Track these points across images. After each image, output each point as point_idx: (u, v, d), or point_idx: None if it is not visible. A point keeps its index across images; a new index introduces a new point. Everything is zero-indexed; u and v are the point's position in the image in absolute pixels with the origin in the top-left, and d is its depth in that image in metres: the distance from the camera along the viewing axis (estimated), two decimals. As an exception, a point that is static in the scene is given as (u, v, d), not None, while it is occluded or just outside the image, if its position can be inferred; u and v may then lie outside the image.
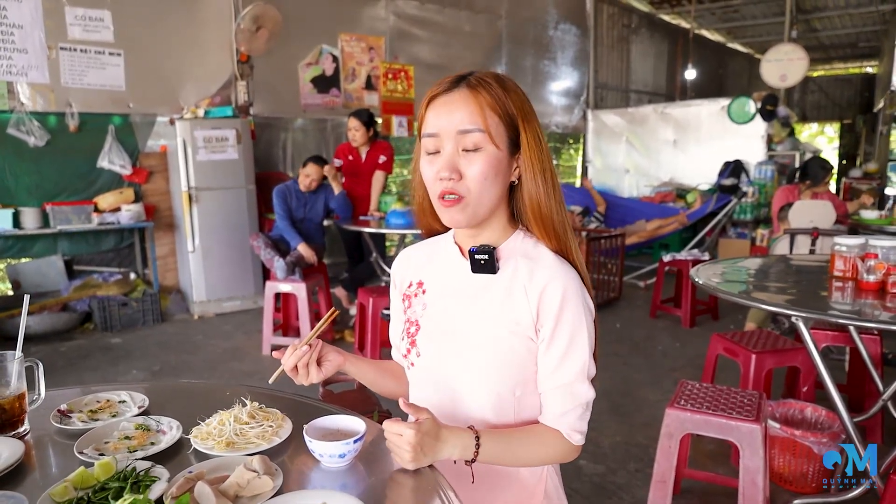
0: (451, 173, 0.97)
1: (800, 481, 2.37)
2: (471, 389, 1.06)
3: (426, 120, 1.01)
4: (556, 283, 1.00)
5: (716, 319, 4.86)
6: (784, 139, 7.40)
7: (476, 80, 0.98)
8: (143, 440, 1.08)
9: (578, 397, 1.02)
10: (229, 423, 1.08)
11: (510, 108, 0.99)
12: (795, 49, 7.58)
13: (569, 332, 1.00)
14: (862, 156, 11.58)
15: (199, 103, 5.24)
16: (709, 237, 6.26)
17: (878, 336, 2.76)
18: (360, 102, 6.42)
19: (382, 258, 4.77)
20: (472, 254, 1.05)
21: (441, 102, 0.99)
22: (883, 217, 4.21)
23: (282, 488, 0.92)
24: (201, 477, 0.92)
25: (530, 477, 1.10)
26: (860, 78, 13.65)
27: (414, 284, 1.15)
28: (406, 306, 1.16)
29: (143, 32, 5.01)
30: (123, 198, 4.89)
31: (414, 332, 1.11)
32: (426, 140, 1.00)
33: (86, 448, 1.04)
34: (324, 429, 1.05)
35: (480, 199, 0.99)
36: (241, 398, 1.16)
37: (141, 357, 4.09)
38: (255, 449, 1.03)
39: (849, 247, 2.26)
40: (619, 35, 9.91)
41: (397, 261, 1.21)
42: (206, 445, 1.04)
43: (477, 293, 1.06)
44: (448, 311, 1.09)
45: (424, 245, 1.19)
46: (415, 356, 1.11)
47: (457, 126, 0.97)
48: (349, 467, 1.00)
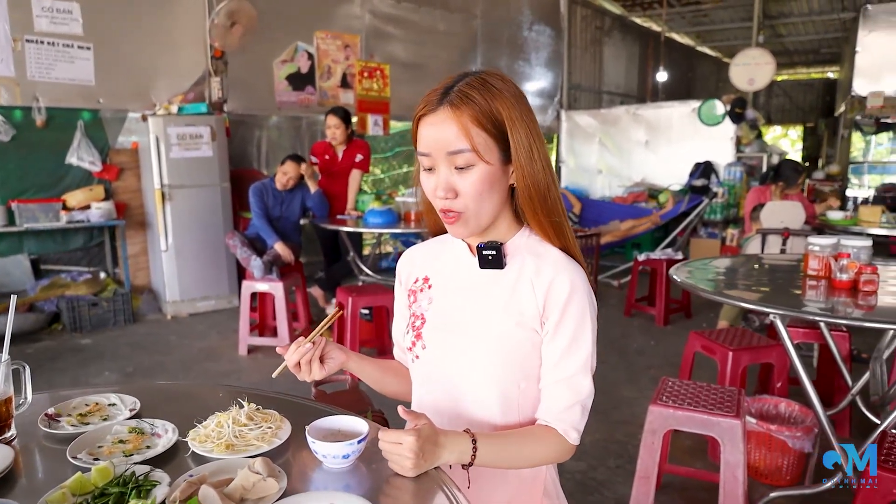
0: (446, 193, 0.99)
1: (775, 475, 2.44)
2: (476, 382, 1.07)
3: (418, 138, 1.01)
4: (564, 277, 1.02)
5: (689, 318, 4.96)
6: (752, 141, 7.59)
7: (459, 97, 0.96)
8: (138, 444, 1.07)
9: (580, 392, 1.03)
10: (228, 424, 1.06)
11: (497, 117, 0.97)
12: (763, 54, 7.77)
13: (574, 325, 1.02)
14: (824, 158, 11.94)
15: (172, 99, 5.14)
16: (680, 237, 6.38)
17: (846, 333, 2.85)
18: (335, 100, 6.37)
19: (359, 257, 4.76)
20: (480, 250, 1.06)
21: (428, 123, 0.98)
22: (847, 218, 4.34)
23: (286, 490, 0.92)
24: (204, 480, 0.91)
25: (529, 473, 1.11)
26: (822, 83, 14.07)
27: (420, 280, 1.16)
28: (411, 301, 1.16)
29: (113, 26, 4.88)
30: (93, 195, 4.76)
31: (419, 325, 1.12)
32: (421, 158, 1.01)
33: (79, 453, 1.02)
34: (325, 429, 1.04)
35: (479, 213, 1.01)
36: (237, 400, 1.15)
37: (113, 358, 4.00)
38: (255, 451, 1.02)
39: (822, 246, 2.33)
40: (592, 37, 10.02)
41: (403, 258, 1.22)
42: (205, 448, 1.02)
43: (484, 288, 1.07)
44: (454, 305, 1.10)
45: (430, 243, 1.20)
46: (420, 349, 1.11)
47: (445, 148, 0.97)
48: (351, 468, 1.00)
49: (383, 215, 4.30)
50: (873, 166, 8.45)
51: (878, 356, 2.57)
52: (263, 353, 4.09)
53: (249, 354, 4.06)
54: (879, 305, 2.05)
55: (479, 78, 0.99)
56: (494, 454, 1.00)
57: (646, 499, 2.08)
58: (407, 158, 7.82)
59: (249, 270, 4.09)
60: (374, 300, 3.72)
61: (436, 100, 0.98)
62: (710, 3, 9.68)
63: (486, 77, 0.99)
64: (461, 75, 1.01)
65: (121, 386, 1.32)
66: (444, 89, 0.99)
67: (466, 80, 0.99)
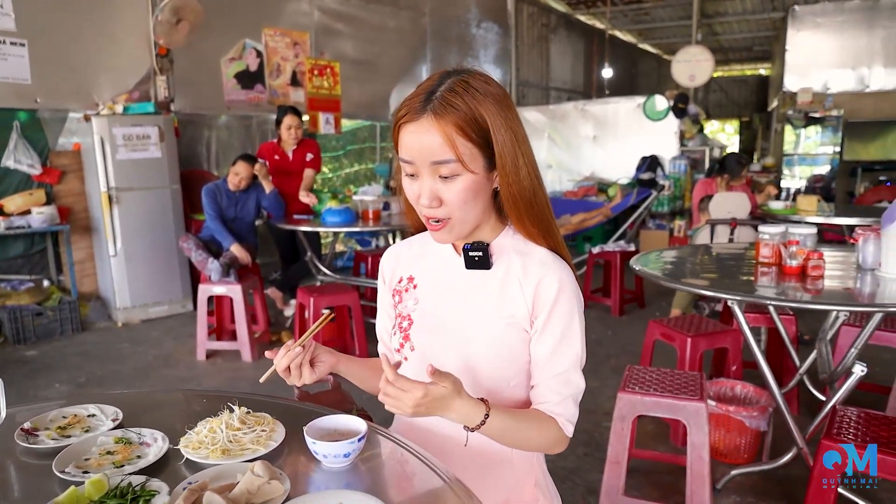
0: (431, 202, 0.98)
1: (734, 454, 2.56)
2: (465, 382, 1.07)
3: (400, 144, 0.99)
4: (552, 276, 1.04)
5: (642, 307, 5.12)
6: (695, 135, 7.88)
7: (441, 104, 0.94)
8: (127, 454, 1.04)
9: (573, 386, 1.06)
10: (221, 430, 1.05)
11: (482, 125, 0.95)
12: (702, 51, 8.08)
13: (563, 322, 1.04)
14: (759, 151, 12.51)
15: (116, 99, 4.94)
16: (630, 229, 6.56)
17: (793, 316, 3.01)
18: (285, 99, 6.27)
19: (317, 257, 4.69)
20: (466, 251, 1.06)
21: (410, 131, 0.96)
22: (787, 207, 4.58)
23: (290, 492, 0.91)
24: (205, 487, 0.90)
25: (522, 465, 1.13)
26: (755, 79, 14.72)
27: (404, 280, 1.16)
28: (396, 301, 1.16)
29: (49, 21, 4.65)
30: (34, 200, 4.54)
31: (406, 326, 1.12)
32: (404, 164, 0.99)
33: (66, 466, 0.99)
34: (321, 429, 1.04)
35: (464, 219, 1.01)
36: (227, 404, 1.13)
37: (62, 369, 3.83)
38: (252, 455, 1.01)
39: (771, 234, 2.45)
40: (539, 34, 10.19)
41: (386, 256, 1.21)
42: (199, 455, 1.01)
43: (471, 288, 1.08)
44: (441, 305, 1.10)
45: (413, 241, 1.19)
46: (408, 350, 1.11)
47: (429, 157, 0.95)
48: (349, 466, 1.01)
49: (341, 214, 4.26)
50: (804, 158, 8.90)
51: (823, 337, 2.72)
52: (222, 358, 4.00)
53: (208, 359, 3.96)
54: (826, 288, 2.18)
55: (462, 81, 0.96)
56: (500, 428, 0.99)
57: (617, 482, 2.15)
58: (358, 156, 7.76)
59: (205, 274, 3.99)
60: (335, 300, 3.70)
61: (418, 106, 0.95)
62: (650, 2, 9.98)
63: (469, 80, 0.97)
64: (443, 76, 0.98)
65: (90, 392, 1.28)
66: (426, 94, 0.96)
67: (449, 83, 0.96)
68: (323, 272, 4.71)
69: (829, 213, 4.38)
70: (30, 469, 1.04)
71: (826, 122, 8.58)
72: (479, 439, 1.08)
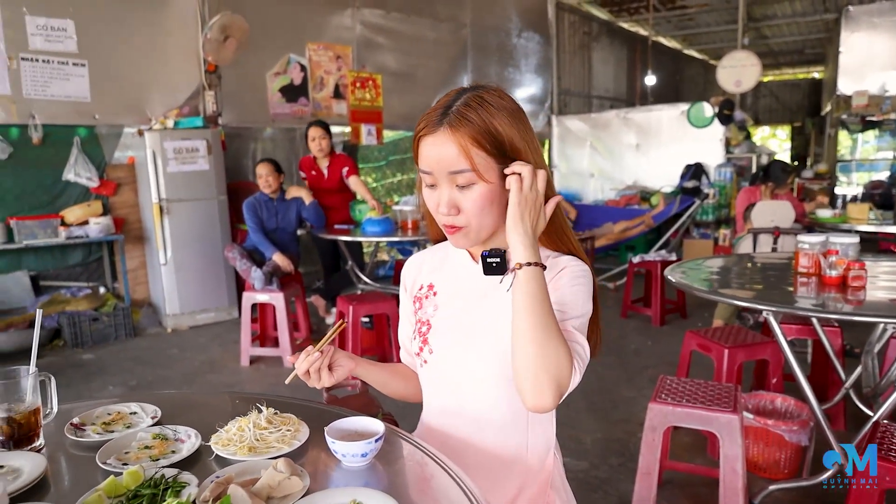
0: (449, 210, 1.04)
1: (773, 468, 2.50)
2: (483, 385, 1.11)
3: (419, 156, 1.05)
4: (572, 264, 1.08)
5: (684, 318, 5.03)
6: (741, 142, 7.70)
7: (457, 117, 0.99)
8: (163, 449, 1.11)
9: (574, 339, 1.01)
10: (249, 428, 1.11)
11: (496, 137, 1.00)
12: (749, 56, 7.89)
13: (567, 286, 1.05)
14: (812, 157, 12.10)
15: (168, 114, 5.18)
16: (674, 238, 6.46)
17: (838, 328, 2.92)
18: (328, 111, 6.43)
19: (359, 267, 4.79)
20: (485, 258, 1.09)
21: (428, 143, 1.02)
22: (836, 216, 4.43)
23: (309, 488, 0.96)
24: (231, 481, 0.95)
25: (536, 464, 1.15)
26: (808, 83, 14.26)
27: (425, 287, 1.21)
28: (417, 308, 1.22)
29: (107, 42, 4.93)
30: (91, 211, 4.80)
31: (426, 331, 1.17)
32: (423, 175, 1.06)
33: (108, 458, 1.06)
34: (342, 430, 1.09)
35: (481, 226, 1.06)
36: (255, 405, 1.19)
37: (115, 372, 4.02)
38: (276, 452, 1.06)
39: (811, 244, 2.39)
40: (581, 42, 10.14)
41: (407, 265, 1.27)
42: (228, 451, 1.07)
43: (488, 294, 1.12)
44: (459, 310, 1.15)
45: (434, 250, 1.25)
46: (427, 353, 1.16)
47: (446, 168, 1.01)
48: (368, 466, 1.05)
49: (381, 224, 4.34)
50: (861, 164, 8.58)
51: (869, 350, 2.63)
52: (265, 364, 4.13)
53: (251, 365, 4.09)
54: (868, 300, 2.12)
55: (476, 96, 1.02)
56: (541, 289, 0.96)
57: (648, 494, 2.13)
58: (399, 167, 7.88)
59: (249, 282, 4.12)
60: (375, 308, 3.76)
61: (435, 120, 1.01)
62: (695, 7, 9.82)
63: (483, 95, 1.02)
64: (459, 92, 1.04)
65: (139, 395, 1.36)
66: (443, 109, 1.02)
67: (464, 98, 1.02)
68: (364, 281, 4.81)
69: (881, 221, 4.22)
70: (77, 460, 1.12)
71: (884, 125, 8.25)
72: (493, 439, 1.11)
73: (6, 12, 4.47)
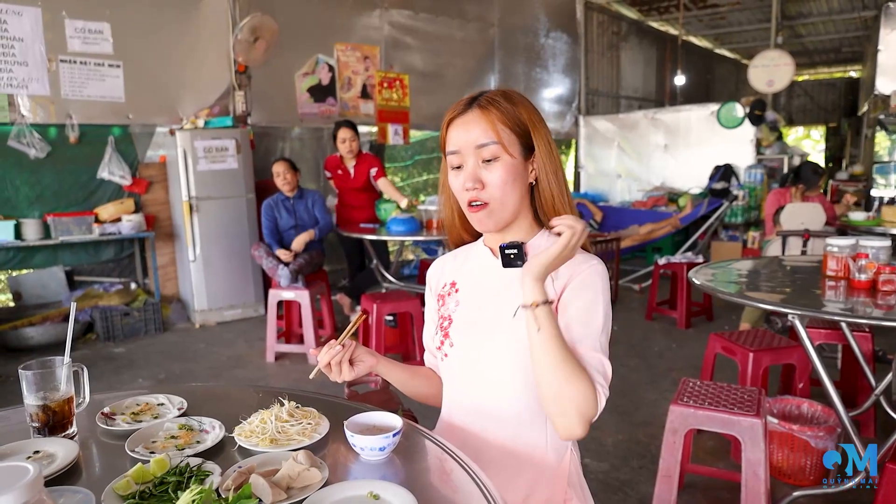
0: (474, 183, 1.11)
1: (798, 475, 2.46)
2: (502, 375, 1.14)
3: (448, 139, 1.14)
4: (582, 269, 1.10)
5: (710, 320, 4.96)
6: (772, 143, 7.55)
7: (486, 100, 1.11)
8: (188, 439, 1.15)
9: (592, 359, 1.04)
10: (271, 421, 1.14)
11: (520, 119, 1.12)
12: (782, 55, 7.74)
13: (585, 302, 1.07)
14: (847, 158, 11.79)
15: (199, 114, 5.29)
16: (701, 240, 6.37)
17: (869, 333, 2.86)
18: (356, 111, 6.50)
19: (384, 265, 4.83)
20: (503, 249, 1.12)
21: (458, 123, 1.12)
22: (870, 218, 4.33)
23: (328, 479, 0.99)
24: (252, 470, 0.98)
25: (553, 460, 1.16)
26: (844, 82, 13.89)
27: (448, 285, 1.25)
28: (440, 305, 1.25)
29: (141, 44, 5.06)
30: (124, 208, 4.93)
31: (447, 326, 1.21)
32: (450, 157, 1.14)
33: (136, 447, 1.10)
34: (361, 424, 1.11)
35: (504, 203, 1.12)
36: (278, 398, 1.22)
37: (145, 366, 4.12)
38: (297, 445, 1.09)
39: (840, 247, 2.35)
40: (609, 42, 10.05)
41: (433, 266, 1.31)
42: (250, 442, 1.10)
43: (506, 287, 1.15)
44: (480, 305, 1.18)
45: (458, 252, 1.30)
46: (448, 347, 1.20)
47: (474, 142, 1.10)
48: (386, 460, 1.07)
49: (406, 223, 4.37)
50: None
51: (901, 356, 2.57)
52: (290, 360, 4.19)
53: (277, 361, 4.16)
54: (899, 305, 2.07)
55: (501, 91, 1.14)
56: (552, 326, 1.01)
57: (668, 497, 2.12)
58: (426, 166, 7.91)
59: (275, 280, 4.19)
60: (398, 307, 3.79)
61: (464, 104, 1.13)
62: (727, 6, 9.66)
63: (507, 91, 1.15)
64: (483, 91, 1.15)
65: (167, 388, 1.41)
66: (471, 98, 1.14)
67: (491, 91, 1.14)
68: (388, 280, 4.85)
69: (918, 224, 4.11)
70: (107, 447, 1.17)
71: (923, 126, 8.00)
72: (511, 435, 1.13)
73: (47, 15, 4.61)
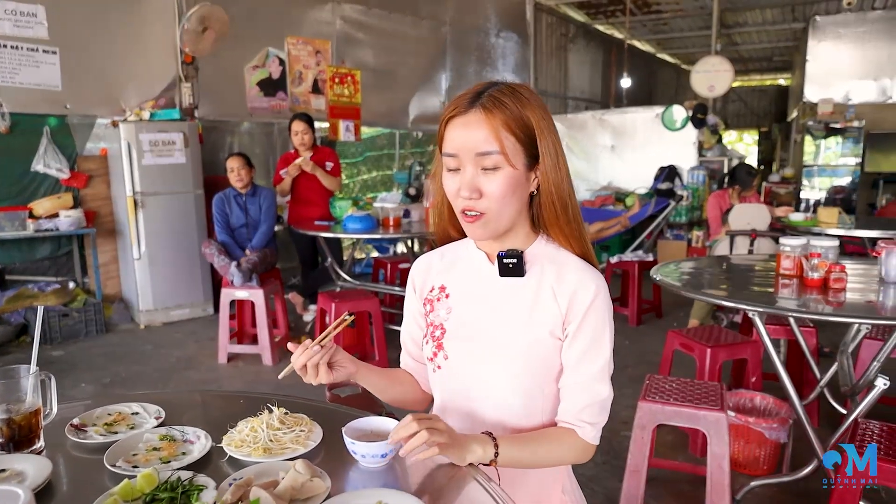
0: (471, 193, 1.01)
1: (753, 465, 2.57)
2: (500, 389, 1.10)
3: (445, 139, 1.04)
4: (586, 285, 1.06)
5: (660, 317, 5.12)
6: (713, 145, 7.86)
7: (491, 102, 1.00)
8: (172, 450, 1.08)
9: (598, 394, 1.07)
10: (262, 429, 1.09)
11: (527, 123, 1.01)
12: (722, 61, 8.07)
13: (593, 330, 1.06)
14: (778, 161, 12.42)
15: (143, 105, 5.05)
16: (648, 239, 6.56)
17: (814, 328, 3.00)
18: (306, 106, 6.36)
19: (338, 263, 4.75)
20: (501, 258, 1.08)
21: (458, 124, 1.01)
22: (808, 219, 4.56)
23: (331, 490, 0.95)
24: (250, 483, 0.94)
25: (549, 473, 1.15)
26: (775, 89, 14.63)
27: (436, 289, 1.18)
28: (428, 310, 1.18)
29: (80, 30, 4.78)
30: (61, 203, 4.65)
31: (440, 335, 1.14)
32: (447, 159, 1.04)
33: (117, 461, 1.03)
34: (358, 430, 1.07)
35: (500, 215, 1.04)
36: (266, 405, 1.17)
37: (87, 370, 3.91)
38: (292, 454, 1.05)
39: (793, 247, 2.46)
40: (558, 43, 10.22)
41: (417, 265, 1.23)
42: (242, 452, 1.05)
43: (504, 296, 1.10)
44: (475, 314, 1.12)
45: (443, 251, 1.21)
46: (442, 359, 1.13)
47: (474, 148, 1.00)
48: (386, 467, 1.04)
49: (362, 221, 4.31)
50: (823, 169, 8.83)
51: (845, 349, 2.71)
52: (244, 361, 4.06)
53: (230, 362, 4.03)
54: (848, 301, 2.19)
55: (509, 87, 1.03)
56: (515, 454, 1.03)
57: (636, 492, 2.17)
58: (376, 163, 7.84)
59: (227, 278, 4.05)
60: (357, 305, 3.73)
61: (466, 102, 1.01)
62: (669, 12, 9.99)
63: (515, 87, 1.04)
64: (490, 83, 1.04)
65: (116, 392, 1.33)
66: (474, 93, 1.02)
67: (497, 87, 1.02)
68: (343, 278, 4.77)
69: (850, 225, 4.36)
70: (81, 462, 1.09)
71: (847, 133, 8.51)
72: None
73: (-27, -5, 4.31)
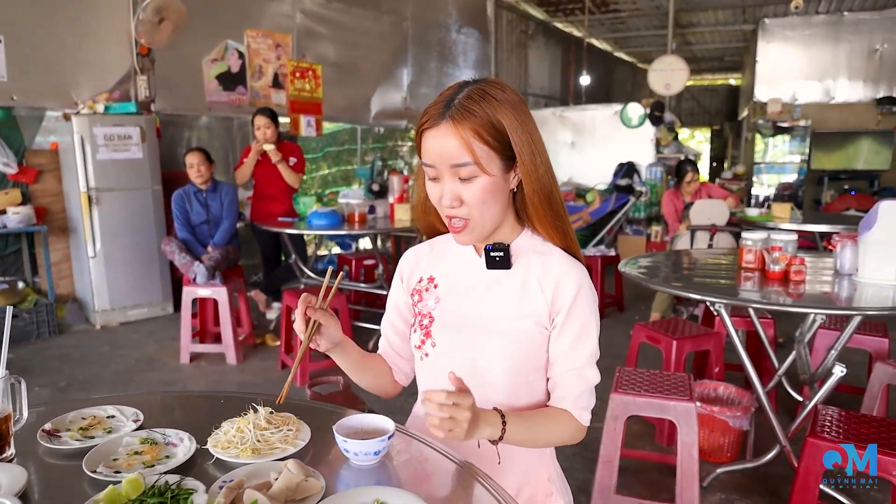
0: (452, 202, 1.04)
1: (717, 453, 2.65)
2: (486, 377, 1.12)
3: (422, 149, 1.05)
4: (571, 277, 1.09)
5: (622, 311, 5.22)
6: (670, 142, 8.06)
7: (459, 111, 1.00)
8: (155, 454, 1.05)
9: (588, 380, 1.12)
10: (249, 430, 1.07)
11: (498, 128, 1.01)
12: (677, 60, 8.27)
13: (581, 320, 1.10)
14: (730, 159, 12.82)
15: (96, 98, 4.86)
16: (609, 235, 6.69)
17: (772, 319, 3.12)
18: (267, 101, 6.23)
19: (302, 260, 4.68)
20: (488, 251, 1.11)
21: (431, 137, 1.02)
22: (763, 214, 4.72)
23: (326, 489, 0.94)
24: (241, 485, 0.92)
25: (536, 461, 1.18)
26: (726, 88, 15.09)
27: (424, 280, 1.20)
28: (416, 300, 1.20)
29: (27, 17, 4.56)
30: (9, 199, 4.44)
31: (428, 323, 1.16)
32: (426, 168, 1.05)
33: (97, 466, 0.99)
34: (349, 428, 1.06)
35: (483, 219, 1.06)
36: (251, 405, 1.15)
37: (41, 373, 3.75)
38: (281, 454, 1.03)
39: (754, 241, 2.55)
40: (518, 40, 10.30)
41: (406, 257, 1.25)
42: (229, 454, 1.02)
43: (491, 288, 1.13)
44: (463, 304, 1.14)
45: (434, 242, 1.24)
46: (430, 346, 1.15)
47: (448, 160, 1.01)
48: (378, 464, 1.03)
49: (327, 217, 4.25)
50: (772, 166, 9.16)
51: (801, 339, 2.83)
52: (207, 361, 3.96)
53: (192, 362, 3.92)
54: (807, 293, 2.28)
55: (479, 89, 1.02)
56: (520, 432, 1.04)
57: (609, 482, 2.21)
58: (336, 159, 7.76)
59: (189, 276, 3.94)
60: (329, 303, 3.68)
61: (437, 113, 1.01)
62: (627, 12, 10.17)
63: (486, 88, 1.03)
64: (462, 85, 1.04)
65: (72, 396, 1.28)
66: (445, 102, 1.02)
67: (467, 91, 1.02)
68: (308, 275, 4.70)
69: (800, 220, 4.54)
70: (56, 469, 1.04)
71: (794, 131, 8.85)
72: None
73: None
